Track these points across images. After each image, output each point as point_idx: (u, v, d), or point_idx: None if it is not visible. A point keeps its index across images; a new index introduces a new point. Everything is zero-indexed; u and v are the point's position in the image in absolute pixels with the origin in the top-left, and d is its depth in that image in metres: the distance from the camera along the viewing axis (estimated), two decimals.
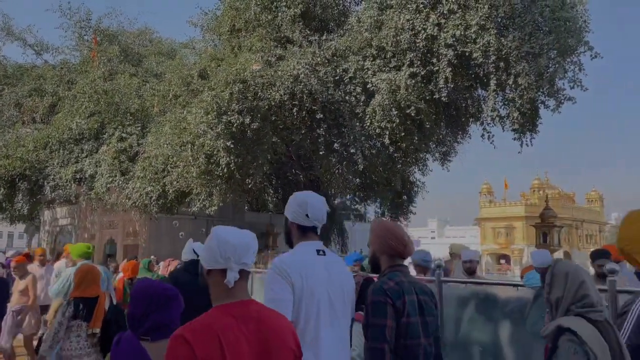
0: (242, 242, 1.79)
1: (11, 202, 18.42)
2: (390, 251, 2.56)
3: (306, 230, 2.50)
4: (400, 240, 2.55)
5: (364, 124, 12.87)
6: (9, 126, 19.53)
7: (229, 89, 11.88)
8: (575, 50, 11.72)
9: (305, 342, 2.20)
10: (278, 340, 1.73)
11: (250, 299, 1.81)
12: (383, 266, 2.60)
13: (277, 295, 2.24)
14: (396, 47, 12.33)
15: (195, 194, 13.82)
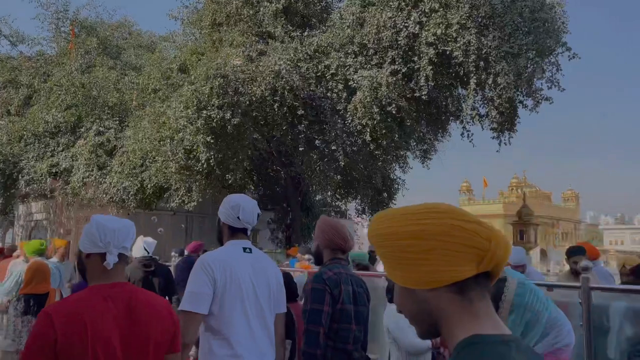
0: (121, 227, 1.92)
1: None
2: (332, 245, 2.78)
3: (236, 231, 2.66)
4: (341, 235, 2.76)
5: (345, 121, 12.88)
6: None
7: (210, 83, 11.77)
8: (553, 50, 11.92)
9: (230, 332, 2.36)
10: (150, 319, 1.85)
11: (126, 281, 1.96)
12: (325, 258, 2.81)
13: (195, 289, 2.39)
14: (378, 44, 12.36)
15: (174, 189, 13.69)
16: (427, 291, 0.97)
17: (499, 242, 0.96)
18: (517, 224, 16.74)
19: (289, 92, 12.30)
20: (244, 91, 12.12)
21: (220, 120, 11.79)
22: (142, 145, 13.73)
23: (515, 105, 12.25)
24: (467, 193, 64.65)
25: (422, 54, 11.83)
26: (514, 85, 11.47)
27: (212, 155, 12.07)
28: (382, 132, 12.59)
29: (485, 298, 0.98)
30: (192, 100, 11.76)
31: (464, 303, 0.96)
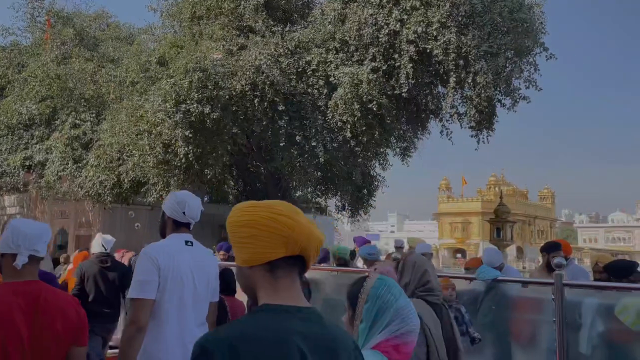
0: (34, 231, 2.13)
1: None
2: None
3: (180, 225, 2.86)
4: None
5: (325, 117, 12.86)
6: None
7: (189, 77, 11.63)
8: (531, 51, 12.09)
9: (167, 318, 2.55)
10: (55, 314, 2.08)
11: (37, 280, 2.17)
12: None
13: (143, 277, 2.56)
14: (359, 41, 12.37)
15: (152, 183, 13.50)
16: (249, 268, 1.27)
17: (301, 231, 1.26)
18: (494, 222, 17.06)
19: (269, 87, 12.23)
20: (224, 85, 12.01)
21: (199, 115, 11.66)
22: (119, 138, 13.51)
23: (493, 104, 12.40)
24: (446, 191, 65.28)
25: (403, 52, 11.88)
26: (493, 84, 11.61)
27: (191, 149, 11.95)
28: (363, 129, 12.61)
29: (291, 276, 1.27)
30: (170, 93, 11.60)
31: (271, 279, 1.25)
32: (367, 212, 20.16)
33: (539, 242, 57.26)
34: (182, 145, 11.85)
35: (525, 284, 5.17)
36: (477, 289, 4.82)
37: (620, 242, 79.19)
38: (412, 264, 2.84)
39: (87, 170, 14.49)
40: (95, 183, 14.30)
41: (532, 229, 62.60)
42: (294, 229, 1.25)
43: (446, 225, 61.62)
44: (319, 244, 1.30)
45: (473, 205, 59.06)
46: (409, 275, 2.81)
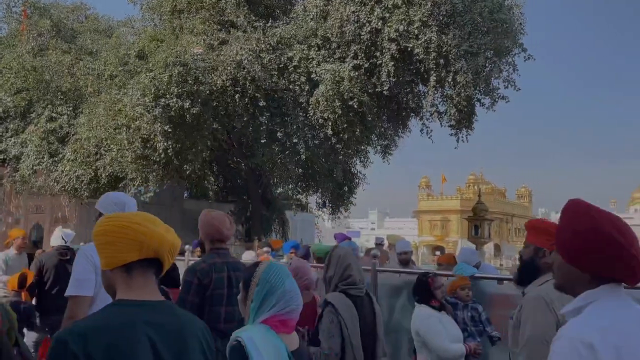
0: None
1: None
2: (210, 237, 3.14)
3: None
4: (216, 228, 3.10)
5: (307, 114, 12.85)
6: None
7: (169, 71, 11.50)
8: (510, 51, 12.25)
9: None
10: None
11: None
12: (206, 248, 3.20)
13: (81, 276, 2.67)
14: (341, 38, 12.37)
15: (130, 179, 13.33)
16: (110, 271, 1.46)
17: (153, 237, 1.44)
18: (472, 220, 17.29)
19: (250, 83, 12.16)
20: (204, 80, 11.90)
21: (179, 110, 11.54)
22: (96, 132, 13.29)
23: (473, 103, 12.54)
24: (426, 189, 65.88)
25: (384, 50, 11.92)
26: (473, 83, 11.73)
27: (170, 144, 11.82)
28: (344, 126, 12.64)
29: (145, 275, 1.47)
30: (150, 87, 11.45)
31: (127, 278, 1.45)
32: (348, 209, 20.23)
33: (516, 239, 58.25)
34: (161, 140, 11.72)
35: (500, 281, 5.24)
36: None
37: None
38: (337, 258, 2.93)
39: (63, 165, 14.23)
40: (71, 178, 14.06)
41: (509, 226, 63.59)
42: (147, 235, 1.44)
43: (426, 223, 62.20)
44: (171, 248, 1.50)
45: (452, 203, 59.71)
46: (333, 269, 2.92)
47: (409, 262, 6.20)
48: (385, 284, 5.22)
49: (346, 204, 19.81)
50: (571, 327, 1.25)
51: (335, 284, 2.90)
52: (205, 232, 3.16)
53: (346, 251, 3.04)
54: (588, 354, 1.13)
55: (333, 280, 2.91)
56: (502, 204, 62.45)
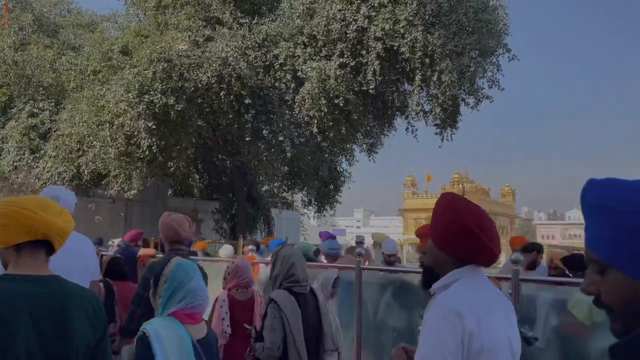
0: None
1: None
2: (169, 239, 3.31)
3: None
4: (174, 230, 3.27)
5: (293, 112, 12.82)
6: None
7: (153, 67, 11.38)
8: (494, 51, 12.36)
9: None
10: None
11: None
12: (166, 249, 3.37)
13: None
14: (327, 36, 12.36)
15: (113, 176, 13.17)
16: (4, 249, 1.66)
17: (41, 222, 1.62)
18: None
19: (236, 80, 12.09)
20: (189, 77, 11.81)
21: (163, 106, 11.43)
22: (79, 129, 13.13)
23: (457, 102, 12.62)
24: (412, 187, 66.22)
25: (370, 49, 11.94)
26: (457, 83, 11.81)
27: (154, 141, 11.70)
28: (330, 125, 12.64)
29: (34, 255, 1.66)
30: (133, 83, 11.32)
31: (17, 257, 1.65)
32: (333, 207, 20.25)
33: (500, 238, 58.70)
34: (145, 137, 11.60)
35: None
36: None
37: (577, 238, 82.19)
38: (282, 258, 3.07)
39: (44, 161, 14.03)
40: (53, 174, 13.87)
41: None
42: (35, 220, 1.62)
43: (411, 221, 62.53)
44: (60, 231, 1.68)
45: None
46: (279, 268, 3.06)
47: (394, 264, 6.20)
48: (369, 283, 5.23)
49: (332, 202, 19.84)
50: (441, 300, 1.44)
51: (280, 282, 3.04)
52: (165, 233, 3.31)
53: (291, 251, 3.19)
54: (456, 320, 1.32)
55: (278, 278, 3.05)
56: (485, 202, 63.02)
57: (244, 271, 3.64)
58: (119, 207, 17.31)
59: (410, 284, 5.30)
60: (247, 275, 3.64)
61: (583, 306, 3.78)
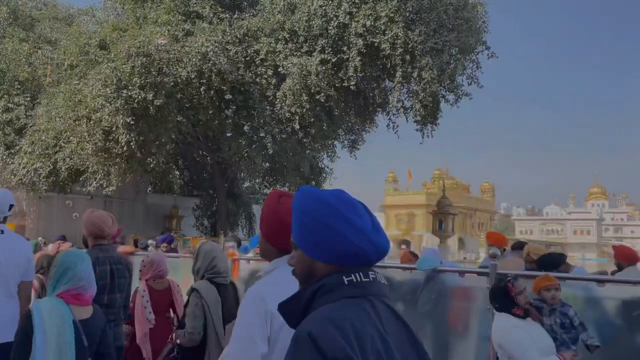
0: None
1: None
2: (93, 234, 3.45)
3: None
4: (98, 226, 3.43)
5: (274, 108, 12.77)
6: None
7: (131, 61, 11.22)
8: (474, 49, 12.47)
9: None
10: None
11: None
12: (90, 245, 3.52)
13: None
14: (308, 32, 12.33)
15: (91, 172, 12.98)
16: None
17: None
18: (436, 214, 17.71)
19: (216, 76, 11.99)
20: (169, 72, 11.67)
21: (142, 101, 11.28)
22: (55, 124, 12.91)
23: (438, 99, 12.72)
24: (393, 183, 66.62)
25: (352, 45, 11.95)
26: (438, 80, 11.89)
27: (133, 137, 11.55)
28: (311, 121, 12.62)
29: None
30: (111, 78, 11.15)
31: None
32: None
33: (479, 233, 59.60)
34: (123, 132, 11.44)
35: (462, 274, 5.34)
36: (417, 279, 4.94)
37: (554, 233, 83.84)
38: (204, 252, 3.32)
39: (20, 157, 13.77)
40: (29, 170, 13.61)
41: (473, 221, 65.05)
42: None
43: (392, 217, 62.95)
44: None
45: (418, 197, 60.60)
46: (201, 261, 3.29)
47: None
48: None
49: None
50: (253, 287, 1.67)
51: (202, 274, 3.26)
52: (89, 229, 3.49)
53: (212, 246, 3.48)
54: (260, 303, 1.55)
55: (200, 271, 3.27)
56: (466, 198, 63.79)
57: (159, 264, 4.00)
58: (98, 204, 17.04)
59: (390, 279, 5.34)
60: (162, 267, 4.01)
61: None
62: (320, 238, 1.12)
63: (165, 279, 4.07)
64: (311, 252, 1.14)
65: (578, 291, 3.96)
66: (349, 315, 1.03)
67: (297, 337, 1.01)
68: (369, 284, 1.10)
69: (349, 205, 1.16)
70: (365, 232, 1.13)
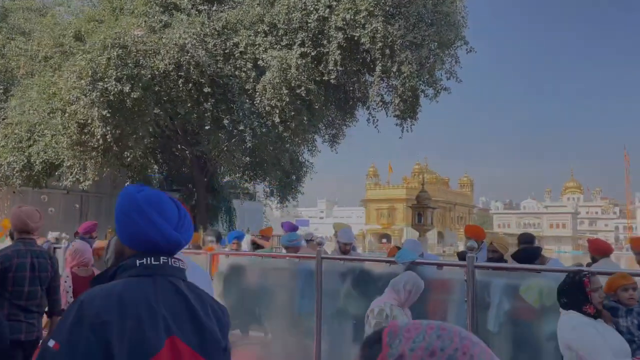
0: None
1: None
2: (18, 228, 3.66)
3: None
4: (23, 221, 3.62)
5: (254, 101, 12.66)
6: None
7: (107, 53, 11.00)
8: (453, 43, 12.54)
9: None
10: None
11: None
12: (15, 238, 3.74)
13: None
14: (288, 25, 12.25)
15: (67, 166, 12.73)
16: None
17: None
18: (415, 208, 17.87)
19: (194, 68, 11.83)
20: (146, 64, 11.47)
21: (118, 94, 11.08)
22: (29, 117, 12.63)
23: (417, 94, 12.77)
24: (374, 178, 66.94)
25: (332, 38, 11.91)
26: (417, 74, 11.93)
27: (109, 130, 11.34)
28: (291, 115, 12.55)
29: None
30: (87, 70, 10.92)
31: None
32: (296, 198, 20.22)
33: (458, 227, 60.31)
34: (99, 125, 11.23)
35: (440, 266, 5.38)
36: (396, 272, 4.96)
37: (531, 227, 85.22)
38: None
39: None
40: (2, 164, 13.30)
41: (452, 214, 65.76)
42: None
43: (373, 211, 63.28)
44: None
45: (398, 192, 61.01)
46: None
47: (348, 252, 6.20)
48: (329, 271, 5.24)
49: (294, 193, 19.80)
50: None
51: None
52: (14, 224, 3.65)
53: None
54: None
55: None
56: (445, 192, 64.44)
57: (83, 252, 4.37)
58: (74, 199, 16.77)
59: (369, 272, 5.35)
60: (86, 255, 4.37)
61: (534, 291, 3.91)
62: (125, 228, 1.38)
63: (90, 267, 4.43)
64: (121, 238, 1.41)
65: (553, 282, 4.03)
66: (122, 287, 1.25)
67: (74, 301, 1.23)
68: (158, 267, 1.33)
69: (154, 204, 1.37)
70: (158, 227, 1.35)
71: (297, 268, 5.60)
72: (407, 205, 50.60)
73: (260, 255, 6.15)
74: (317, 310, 4.86)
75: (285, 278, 5.77)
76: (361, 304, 5.18)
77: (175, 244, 1.38)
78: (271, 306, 5.74)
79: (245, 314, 5.93)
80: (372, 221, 62.89)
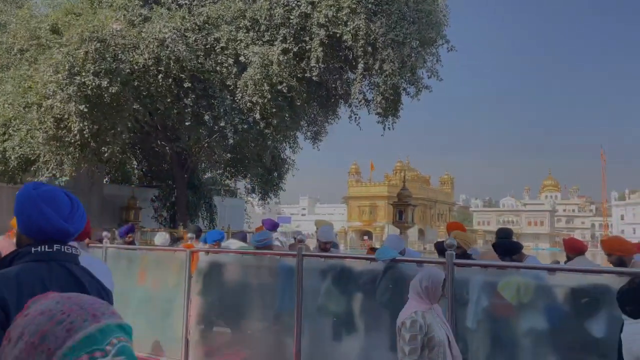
0: None
1: None
2: None
3: None
4: None
5: (235, 97, 12.55)
6: None
7: (85, 47, 10.78)
8: (434, 42, 12.60)
9: None
10: None
11: None
12: None
13: None
14: (270, 21, 12.16)
15: (43, 162, 12.46)
16: None
17: None
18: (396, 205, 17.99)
19: (174, 63, 11.66)
20: (125, 58, 11.27)
21: (96, 88, 10.86)
22: (4, 111, 12.34)
23: (399, 92, 12.81)
24: (356, 175, 67.11)
25: (314, 35, 11.86)
26: (399, 72, 11.96)
27: (86, 125, 11.13)
28: (273, 111, 12.48)
29: None
30: (63, 64, 10.69)
31: None
32: (277, 195, 20.15)
33: (438, 224, 60.85)
34: (76, 120, 11.01)
35: (420, 264, 5.40)
36: (376, 269, 4.96)
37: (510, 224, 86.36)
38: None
39: None
40: None
41: (433, 212, 66.31)
42: None
43: (355, 209, 63.47)
44: None
45: (380, 189, 61.28)
46: None
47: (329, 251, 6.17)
48: (309, 269, 5.22)
49: (276, 190, 19.72)
50: None
51: None
52: None
53: None
54: None
55: None
56: (426, 190, 64.94)
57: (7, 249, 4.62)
58: None
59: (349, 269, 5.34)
60: None
61: (511, 287, 3.95)
62: (21, 219, 1.54)
63: None
64: (19, 227, 1.56)
65: (530, 279, 4.08)
66: (19, 271, 1.43)
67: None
68: (52, 253, 1.51)
69: (46, 199, 1.54)
70: (48, 218, 1.51)
71: (278, 265, 5.57)
72: (388, 203, 50.86)
73: (240, 253, 6.09)
74: (298, 307, 4.84)
75: (265, 275, 5.73)
76: (341, 302, 5.18)
77: (64, 233, 1.55)
78: (251, 304, 5.70)
79: (225, 312, 5.88)
80: (354, 218, 63.08)
